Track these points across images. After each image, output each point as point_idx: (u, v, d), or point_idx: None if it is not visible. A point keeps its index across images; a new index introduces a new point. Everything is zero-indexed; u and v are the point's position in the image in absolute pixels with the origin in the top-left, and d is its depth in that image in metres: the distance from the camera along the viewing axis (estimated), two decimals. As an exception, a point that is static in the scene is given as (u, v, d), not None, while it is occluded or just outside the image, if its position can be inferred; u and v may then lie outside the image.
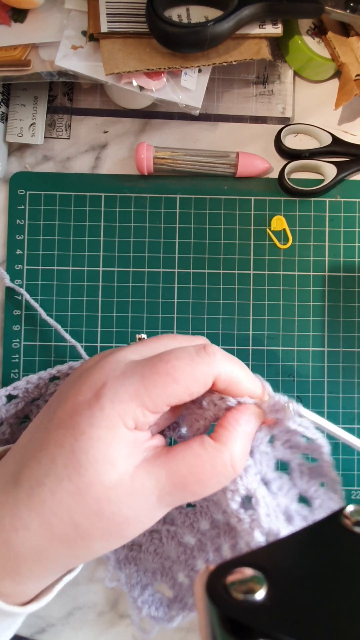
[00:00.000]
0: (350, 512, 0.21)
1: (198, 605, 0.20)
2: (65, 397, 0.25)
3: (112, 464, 0.23)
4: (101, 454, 0.23)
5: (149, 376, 0.24)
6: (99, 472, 0.23)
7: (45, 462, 0.23)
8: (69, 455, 0.23)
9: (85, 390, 0.24)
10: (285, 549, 0.20)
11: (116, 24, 0.35)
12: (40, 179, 0.40)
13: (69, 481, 0.23)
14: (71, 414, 0.24)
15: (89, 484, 0.23)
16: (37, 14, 0.36)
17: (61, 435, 0.23)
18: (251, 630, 0.16)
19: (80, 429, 0.23)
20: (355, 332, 0.39)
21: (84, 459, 0.23)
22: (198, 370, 0.24)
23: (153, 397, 0.23)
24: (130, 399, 0.23)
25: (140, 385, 0.23)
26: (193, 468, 0.24)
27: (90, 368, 0.25)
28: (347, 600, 0.18)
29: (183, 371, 0.24)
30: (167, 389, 0.23)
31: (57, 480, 0.23)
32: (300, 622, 0.17)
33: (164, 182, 0.40)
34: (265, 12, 0.35)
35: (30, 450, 0.24)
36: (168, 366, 0.24)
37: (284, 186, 0.39)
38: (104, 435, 0.23)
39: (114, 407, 0.23)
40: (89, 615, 0.38)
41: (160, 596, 0.34)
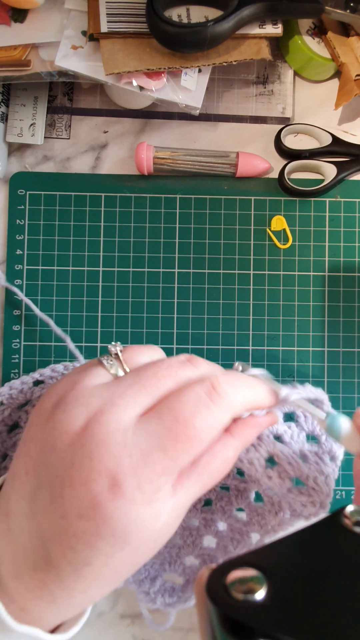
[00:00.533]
0: (350, 512, 0.21)
1: (198, 605, 0.20)
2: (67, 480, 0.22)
3: (157, 517, 0.23)
4: (146, 521, 0.22)
5: (172, 447, 0.22)
6: (147, 530, 0.23)
7: (81, 549, 0.22)
8: (112, 540, 0.22)
9: (95, 477, 0.22)
10: (285, 548, 0.20)
11: (116, 24, 0.35)
12: (40, 179, 0.40)
13: (121, 551, 0.22)
14: (92, 506, 0.22)
15: (142, 541, 0.23)
16: (37, 14, 0.36)
17: (91, 526, 0.22)
18: (251, 630, 0.16)
19: (114, 518, 0.22)
20: (355, 332, 0.39)
21: (132, 537, 0.22)
22: (218, 421, 0.23)
23: (180, 464, 0.23)
24: (160, 476, 0.22)
25: (167, 460, 0.22)
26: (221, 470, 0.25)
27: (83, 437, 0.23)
28: (347, 600, 0.18)
29: (206, 429, 0.23)
30: (194, 451, 0.23)
31: (106, 557, 0.22)
32: (300, 622, 0.17)
33: (164, 182, 0.40)
34: (265, 12, 0.35)
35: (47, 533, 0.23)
36: (188, 430, 0.22)
37: (284, 186, 0.39)
38: (143, 512, 0.22)
39: (144, 491, 0.22)
40: (89, 615, 0.38)
41: (171, 584, 0.34)
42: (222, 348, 0.39)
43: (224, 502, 0.34)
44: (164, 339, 0.39)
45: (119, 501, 0.22)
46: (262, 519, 0.32)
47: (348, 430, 0.25)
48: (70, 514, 0.22)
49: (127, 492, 0.22)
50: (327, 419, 0.26)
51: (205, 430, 0.23)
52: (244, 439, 0.26)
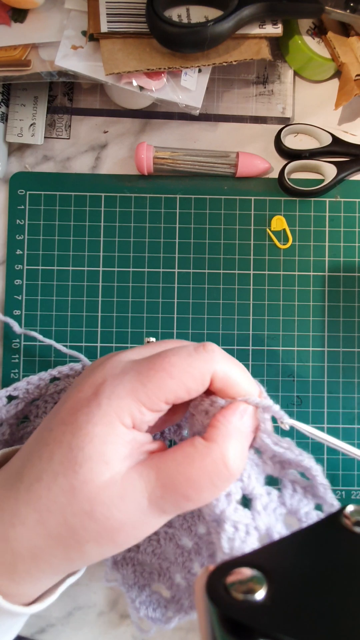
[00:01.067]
0: (350, 512, 0.21)
1: (198, 605, 0.20)
2: (68, 396, 0.25)
3: (106, 462, 0.23)
4: (96, 451, 0.23)
5: (145, 372, 0.24)
6: (92, 470, 0.22)
7: (45, 457, 0.23)
8: (66, 452, 0.23)
9: (86, 388, 0.24)
10: (285, 549, 0.20)
11: (116, 24, 0.35)
12: (40, 179, 0.40)
13: (64, 477, 0.23)
14: (71, 411, 0.24)
15: (82, 482, 0.22)
16: (37, 14, 0.36)
17: (61, 432, 0.23)
18: (251, 630, 0.16)
19: (78, 425, 0.23)
20: (355, 332, 0.39)
21: (80, 456, 0.23)
22: (194, 366, 0.24)
23: (149, 393, 0.23)
24: (127, 395, 0.23)
25: (137, 381, 0.23)
26: (181, 467, 0.23)
27: (94, 368, 0.26)
28: (347, 600, 0.18)
29: (179, 366, 0.24)
30: (163, 384, 0.23)
31: (53, 476, 0.23)
32: (300, 622, 0.17)
33: (164, 182, 0.40)
34: (265, 12, 0.35)
35: (34, 447, 0.25)
36: (164, 361, 0.24)
37: (284, 186, 0.39)
38: (100, 432, 0.23)
39: (111, 404, 0.23)
40: (89, 615, 0.38)
41: (158, 597, 0.34)
42: (222, 348, 0.39)
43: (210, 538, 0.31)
44: (164, 339, 0.39)
45: (90, 407, 0.23)
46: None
47: None
48: (55, 423, 0.24)
49: (98, 398, 0.23)
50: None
51: (178, 367, 0.24)
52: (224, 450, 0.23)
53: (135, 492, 0.23)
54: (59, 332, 0.39)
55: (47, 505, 0.23)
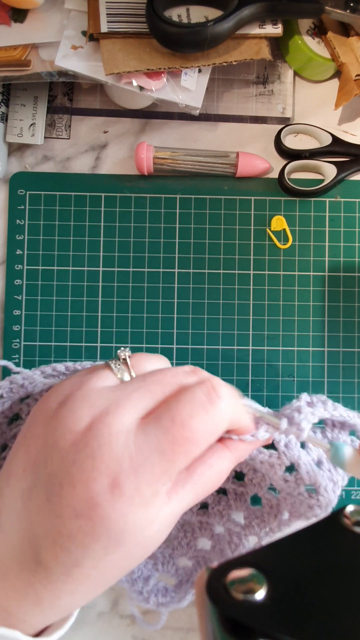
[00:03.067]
0: (350, 512, 0.21)
1: (198, 605, 0.20)
2: (67, 479, 0.22)
3: (151, 522, 0.23)
4: (141, 524, 0.22)
5: (169, 450, 0.22)
6: (141, 534, 0.22)
7: (74, 550, 0.22)
8: (106, 542, 0.22)
9: (96, 476, 0.22)
10: (285, 548, 0.20)
11: (116, 24, 0.35)
12: (40, 179, 0.40)
13: (114, 554, 0.22)
14: (90, 505, 0.22)
15: (135, 546, 0.23)
16: (37, 14, 0.36)
17: (86, 527, 0.22)
18: (251, 630, 0.16)
19: (112, 519, 0.22)
20: (355, 332, 0.39)
21: (126, 540, 0.22)
22: (214, 423, 0.24)
23: (177, 466, 0.23)
24: (158, 480, 0.22)
25: (164, 462, 0.22)
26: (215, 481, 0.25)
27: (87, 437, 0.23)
28: (347, 600, 0.18)
29: (202, 432, 0.23)
30: (190, 454, 0.23)
31: (97, 559, 0.22)
32: (300, 622, 0.17)
33: (164, 182, 0.40)
34: (265, 12, 0.35)
35: (40, 531, 0.23)
36: (185, 432, 0.22)
37: (284, 186, 0.39)
38: (140, 515, 0.22)
39: (142, 493, 0.22)
40: (89, 615, 0.38)
41: (164, 584, 0.34)
42: (222, 348, 0.39)
43: (222, 506, 0.34)
44: (164, 339, 0.39)
45: (118, 502, 0.22)
46: (261, 521, 0.32)
47: (351, 459, 0.27)
48: (66, 513, 0.22)
49: (126, 493, 0.22)
50: (332, 449, 0.28)
51: (201, 433, 0.23)
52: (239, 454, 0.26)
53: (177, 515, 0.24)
54: (59, 332, 0.39)
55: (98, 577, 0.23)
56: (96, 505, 0.22)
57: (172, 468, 0.22)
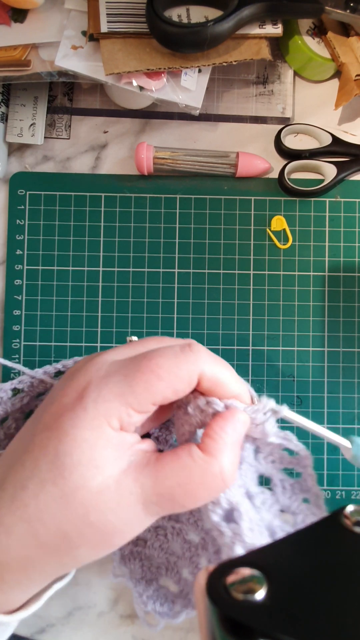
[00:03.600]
0: (350, 512, 0.21)
1: (198, 605, 0.20)
2: (51, 400, 0.24)
3: (97, 467, 0.22)
4: (86, 456, 0.22)
5: (132, 374, 0.23)
6: (84, 475, 0.22)
7: (29, 465, 0.23)
8: (53, 459, 0.22)
9: (70, 392, 0.24)
10: (285, 548, 0.20)
11: (116, 24, 0.35)
12: (40, 179, 0.40)
13: (54, 485, 0.22)
14: (56, 416, 0.23)
15: (75, 488, 0.22)
16: (37, 14, 0.36)
17: (45, 438, 0.23)
18: (251, 630, 0.16)
19: (64, 430, 0.22)
20: (355, 332, 0.39)
21: (68, 462, 0.22)
22: (182, 367, 0.24)
23: (137, 396, 0.23)
24: (114, 398, 0.23)
25: (124, 384, 0.23)
26: (181, 480, 0.23)
27: (76, 370, 0.25)
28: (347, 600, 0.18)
29: (167, 368, 0.23)
30: (151, 386, 0.23)
31: (40, 484, 0.22)
32: (300, 622, 0.17)
33: (164, 182, 0.40)
34: (265, 12, 0.35)
35: (17, 454, 0.24)
36: (151, 363, 0.23)
37: (284, 186, 0.39)
38: (88, 437, 0.22)
39: (98, 407, 0.23)
40: (89, 615, 0.38)
41: (165, 592, 0.34)
42: (222, 348, 0.39)
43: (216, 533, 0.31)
44: (164, 339, 0.39)
45: (75, 411, 0.23)
46: None
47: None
48: (38, 429, 0.24)
49: (84, 402, 0.23)
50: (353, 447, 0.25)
51: (166, 369, 0.23)
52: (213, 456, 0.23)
53: (130, 498, 0.23)
54: (59, 332, 0.39)
55: (36, 515, 0.22)
56: (59, 416, 0.23)
57: (130, 392, 0.23)
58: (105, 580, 0.38)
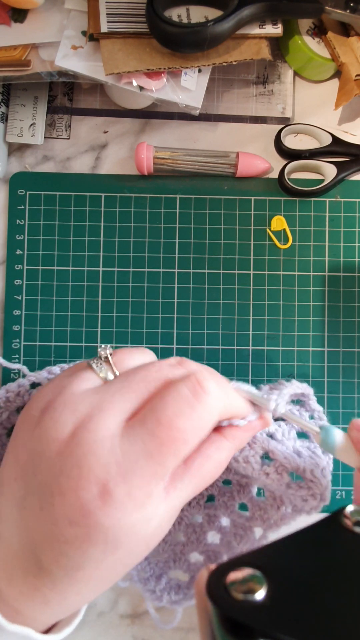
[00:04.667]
0: (350, 512, 0.21)
1: (198, 605, 0.20)
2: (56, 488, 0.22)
3: (149, 521, 0.23)
4: (138, 524, 0.22)
5: (158, 451, 0.22)
6: (140, 533, 0.22)
7: (73, 554, 0.22)
8: (104, 546, 0.22)
9: (85, 485, 0.22)
10: (285, 548, 0.20)
11: (116, 24, 0.35)
12: (40, 179, 0.40)
13: (113, 555, 0.22)
14: (83, 513, 0.21)
15: (134, 545, 0.23)
16: (37, 14, 0.36)
17: (82, 533, 0.22)
18: (251, 630, 0.16)
19: (106, 526, 0.22)
20: (355, 332, 0.39)
21: (124, 542, 0.22)
22: (203, 420, 0.23)
23: (168, 467, 0.22)
24: (151, 479, 0.22)
25: (154, 465, 0.22)
26: (214, 472, 0.25)
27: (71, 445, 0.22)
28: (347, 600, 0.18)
29: (190, 429, 0.22)
30: (180, 453, 0.23)
31: (98, 562, 0.22)
32: (300, 622, 0.17)
33: (164, 182, 0.40)
34: (265, 12, 0.35)
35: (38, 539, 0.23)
36: (173, 432, 0.22)
37: (284, 186, 0.39)
38: (134, 517, 0.22)
39: (135, 497, 0.22)
40: (89, 615, 0.38)
41: (177, 581, 0.34)
42: (222, 348, 0.39)
43: (226, 497, 0.34)
44: (164, 339, 0.39)
45: (110, 508, 0.21)
46: (265, 513, 0.32)
47: (342, 443, 0.25)
48: (60, 521, 0.22)
49: (117, 499, 0.21)
50: (322, 432, 0.26)
51: (189, 431, 0.22)
52: (237, 442, 0.26)
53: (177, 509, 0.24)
54: (59, 332, 0.39)
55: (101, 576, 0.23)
56: (89, 513, 0.21)
57: (162, 469, 0.22)
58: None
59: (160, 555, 0.34)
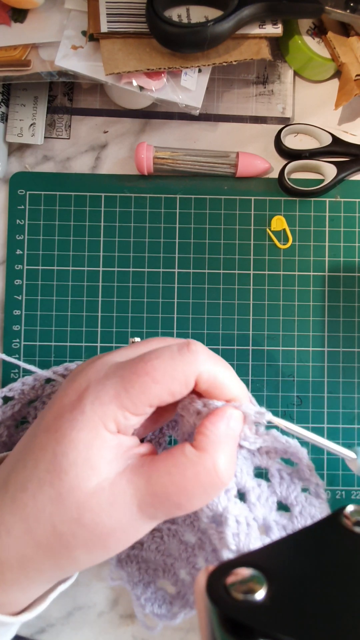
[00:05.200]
0: (350, 512, 0.21)
1: (198, 605, 0.20)
2: (54, 402, 0.25)
3: (93, 468, 0.22)
4: (82, 458, 0.22)
5: (128, 377, 0.23)
6: (79, 476, 0.22)
7: (29, 466, 0.23)
8: (51, 459, 0.22)
9: (70, 393, 0.24)
10: (285, 548, 0.20)
11: (116, 24, 0.35)
12: (40, 179, 0.40)
13: (50, 486, 0.22)
14: (55, 417, 0.23)
15: (70, 489, 0.22)
16: (37, 14, 0.36)
17: (45, 439, 0.23)
18: (251, 630, 0.16)
19: (62, 432, 0.23)
20: (355, 332, 0.39)
21: (65, 463, 0.22)
22: (178, 369, 0.23)
23: (133, 399, 0.23)
24: (110, 401, 0.23)
25: (120, 387, 0.23)
26: (174, 477, 0.22)
27: (78, 372, 0.25)
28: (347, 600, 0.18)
29: (162, 370, 0.23)
30: (147, 389, 0.23)
31: (39, 485, 0.22)
32: (300, 622, 0.17)
33: (164, 182, 0.40)
34: (265, 12, 0.35)
35: (20, 455, 0.24)
36: (147, 366, 0.23)
37: (284, 186, 0.39)
38: (85, 438, 0.22)
39: (95, 409, 0.23)
40: (89, 615, 0.38)
41: (163, 593, 0.34)
42: (222, 348, 0.39)
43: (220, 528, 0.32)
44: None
45: (73, 412, 0.23)
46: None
47: None
48: (40, 429, 0.24)
49: (82, 403, 0.23)
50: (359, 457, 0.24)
51: (161, 371, 0.23)
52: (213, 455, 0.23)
53: (125, 499, 0.22)
54: (59, 332, 0.39)
55: (34, 514, 0.22)
56: (59, 416, 0.23)
57: (125, 396, 0.23)
58: (105, 581, 0.38)
59: (151, 562, 0.34)
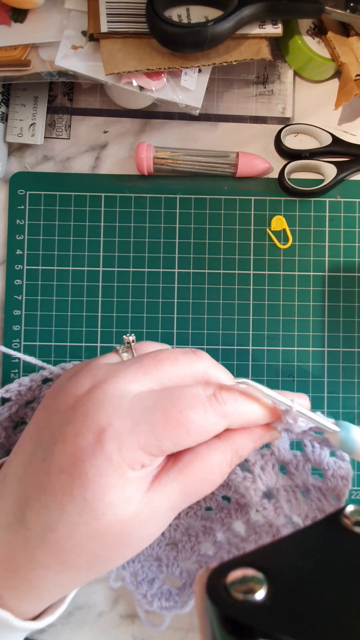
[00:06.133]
0: (350, 512, 0.21)
1: (198, 605, 0.20)
2: (61, 435, 0.23)
3: (128, 501, 0.23)
4: (116, 498, 0.22)
5: (161, 426, 0.23)
6: (117, 513, 0.22)
7: (53, 508, 0.23)
8: (82, 504, 0.22)
9: (84, 431, 0.23)
10: (286, 549, 0.20)
11: (116, 24, 0.35)
12: (40, 179, 0.40)
13: (86, 526, 0.22)
14: (74, 460, 0.22)
15: (108, 525, 0.22)
16: (37, 14, 0.36)
17: (67, 483, 0.22)
18: (251, 630, 0.16)
19: (89, 477, 0.22)
20: (355, 332, 0.39)
21: (100, 506, 0.22)
22: (211, 424, 0.24)
23: (163, 447, 0.23)
24: (140, 449, 0.22)
25: (152, 436, 0.22)
26: (205, 476, 0.24)
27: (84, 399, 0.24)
28: (347, 600, 0.18)
29: (197, 425, 0.23)
30: (180, 441, 0.23)
31: (72, 527, 0.22)
32: (300, 622, 0.17)
33: (164, 182, 0.40)
34: (265, 12, 0.35)
35: (30, 490, 0.24)
36: (181, 418, 0.23)
37: (284, 186, 0.39)
38: (116, 483, 0.22)
39: (122, 457, 0.22)
40: (89, 615, 0.38)
41: (169, 587, 0.34)
42: (222, 348, 0.39)
43: (224, 513, 0.33)
44: (163, 339, 0.39)
45: (97, 459, 0.22)
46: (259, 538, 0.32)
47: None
48: (53, 469, 0.23)
49: (107, 450, 0.22)
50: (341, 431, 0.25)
51: (194, 425, 0.23)
52: (234, 446, 0.25)
53: (161, 510, 0.24)
54: (59, 332, 0.39)
55: (71, 551, 0.23)
56: (78, 460, 0.22)
57: (156, 445, 0.23)
58: (105, 581, 0.38)
59: (154, 559, 0.34)
